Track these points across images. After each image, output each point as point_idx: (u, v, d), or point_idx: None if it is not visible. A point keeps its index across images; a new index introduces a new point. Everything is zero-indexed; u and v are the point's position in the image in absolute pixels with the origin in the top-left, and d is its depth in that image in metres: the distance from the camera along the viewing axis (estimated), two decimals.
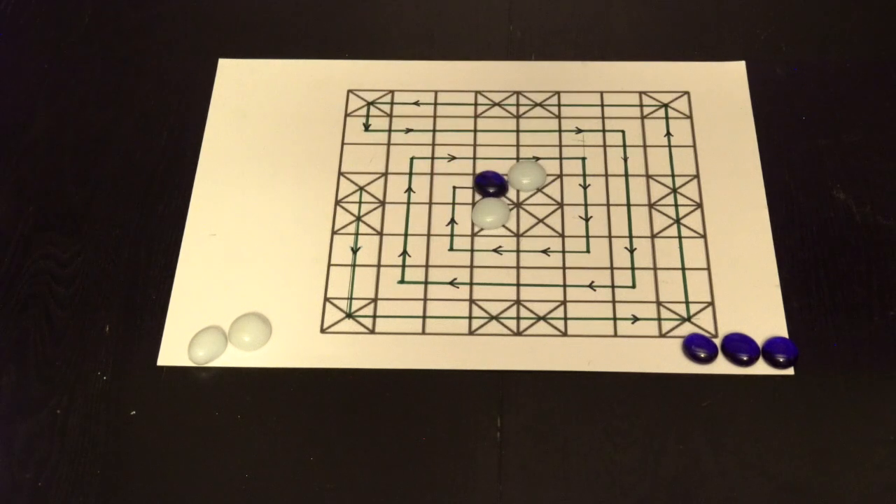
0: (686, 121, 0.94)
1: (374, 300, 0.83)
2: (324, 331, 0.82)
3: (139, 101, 0.96)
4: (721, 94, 0.95)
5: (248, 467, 0.76)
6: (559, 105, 0.95)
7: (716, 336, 0.81)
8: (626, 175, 0.90)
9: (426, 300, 0.83)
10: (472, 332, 0.82)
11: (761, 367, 0.80)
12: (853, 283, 0.84)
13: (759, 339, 0.81)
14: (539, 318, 0.82)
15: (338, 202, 0.89)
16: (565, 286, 0.84)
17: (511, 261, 0.85)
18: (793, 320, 0.82)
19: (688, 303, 0.83)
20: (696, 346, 0.80)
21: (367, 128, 0.94)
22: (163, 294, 0.84)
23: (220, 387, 0.80)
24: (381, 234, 0.87)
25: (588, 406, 0.78)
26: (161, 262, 0.86)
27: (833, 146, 0.92)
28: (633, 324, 0.82)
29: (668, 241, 0.86)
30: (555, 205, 0.89)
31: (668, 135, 0.93)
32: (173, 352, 0.81)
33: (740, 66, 0.97)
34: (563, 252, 0.86)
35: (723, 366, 0.80)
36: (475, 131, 0.94)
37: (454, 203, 0.89)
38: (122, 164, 0.92)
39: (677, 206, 0.88)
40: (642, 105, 0.95)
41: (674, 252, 0.86)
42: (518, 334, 0.82)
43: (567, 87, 0.96)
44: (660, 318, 0.82)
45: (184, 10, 1.04)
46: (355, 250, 0.86)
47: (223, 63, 0.98)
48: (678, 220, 0.87)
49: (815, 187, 0.90)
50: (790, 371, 0.79)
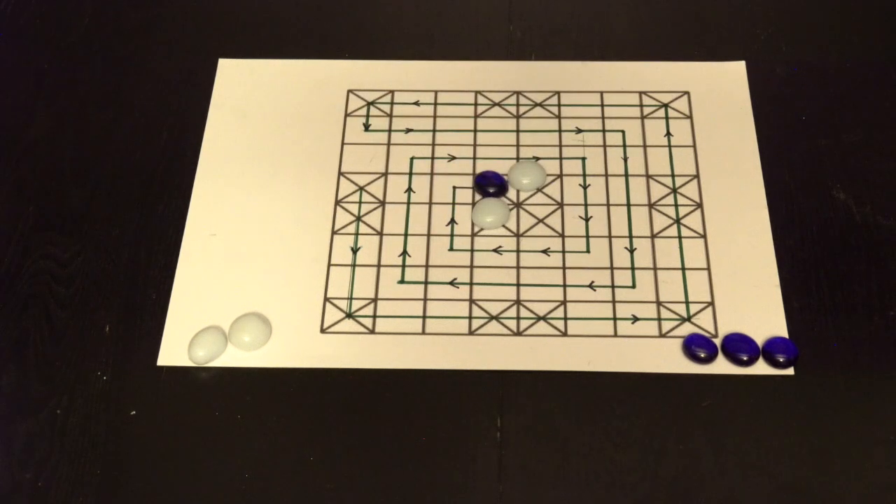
0: (686, 121, 0.94)
1: (374, 300, 0.83)
2: (324, 331, 0.82)
3: (139, 101, 0.96)
4: (721, 94, 0.95)
5: (248, 467, 0.76)
6: (559, 105, 0.95)
7: (716, 336, 0.81)
8: (626, 175, 0.90)
9: (426, 300, 0.83)
10: (472, 332, 0.82)
11: (761, 367, 0.80)
12: (853, 283, 0.84)
13: (759, 339, 0.81)
14: (539, 318, 0.82)
15: (338, 202, 0.89)
16: (565, 286, 0.84)
17: (511, 261, 0.85)
18: (793, 320, 0.82)
19: (688, 303, 0.83)
20: (696, 346, 0.80)
21: (367, 128, 0.94)
22: (163, 294, 0.84)
23: (220, 387, 0.80)
24: (381, 234, 0.87)
25: (588, 406, 0.78)
26: (161, 262, 0.86)
27: (833, 146, 0.92)
28: (633, 324, 0.82)
29: (668, 241, 0.86)
30: (555, 205, 0.89)
31: (668, 135, 0.93)
32: (173, 352, 0.81)
33: (740, 66, 0.97)
34: (563, 252, 0.86)
35: (723, 366, 0.80)
36: (475, 131, 0.94)
37: (454, 203, 0.89)
38: (122, 164, 0.92)
39: (677, 206, 0.88)
40: (642, 105, 0.95)
41: (674, 252, 0.86)
42: (518, 334, 0.82)
43: (567, 87, 0.96)
44: (660, 318, 0.82)
45: (184, 10, 1.04)
46: (355, 250, 0.86)
47: (223, 63, 0.98)
48: (678, 220, 0.87)
49: (815, 187, 0.90)
50: (790, 371, 0.79)
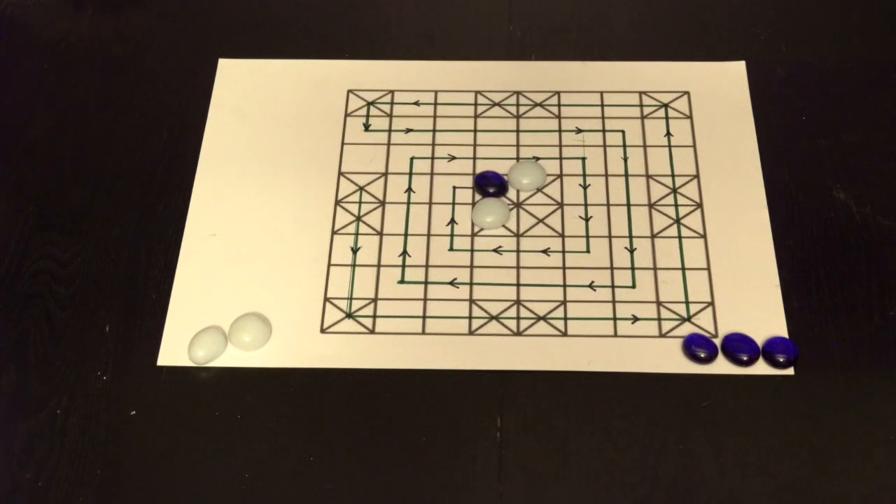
0: (686, 121, 0.94)
1: (374, 300, 0.83)
2: (324, 331, 0.82)
3: (139, 101, 0.96)
4: (721, 94, 0.95)
5: (248, 467, 0.76)
6: (559, 105, 0.95)
7: (716, 336, 0.81)
8: (626, 175, 0.90)
9: (426, 300, 0.83)
10: (472, 332, 0.82)
11: (761, 367, 0.80)
12: (853, 283, 0.84)
13: (759, 339, 0.81)
14: (539, 318, 0.82)
15: (338, 202, 0.89)
16: (565, 286, 0.84)
17: (511, 261, 0.85)
18: (793, 320, 0.82)
19: (688, 303, 0.83)
20: (696, 346, 0.80)
21: (367, 128, 0.94)
22: (163, 294, 0.84)
23: (220, 387, 0.80)
24: (381, 234, 0.87)
25: (588, 406, 0.78)
26: (161, 262, 0.86)
27: (833, 146, 0.92)
28: (633, 324, 0.82)
29: (668, 241, 0.86)
30: (555, 205, 0.89)
31: (668, 135, 0.93)
32: (173, 352, 0.81)
33: (740, 66, 0.97)
34: (563, 252, 0.86)
35: (723, 366, 0.80)
36: (475, 131, 0.94)
37: (454, 203, 0.89)
38: (122, 164, 0.92)
39: (677, 206, 0.88)
40: (642, 105, 0.95)
41: (674, 252, 0.86)
42: (518, 334, 0.82)
43: (567, 87, 0.96)
44: (660, 318, 0.82)
45: (184, 10, 1.04)
46: (355, 250, 0.86)
47: (223, 63, 0.98)
48: (678, 220, 0.87)
49: (815, 187, 0.90)
50: (790, 371, 0.79)
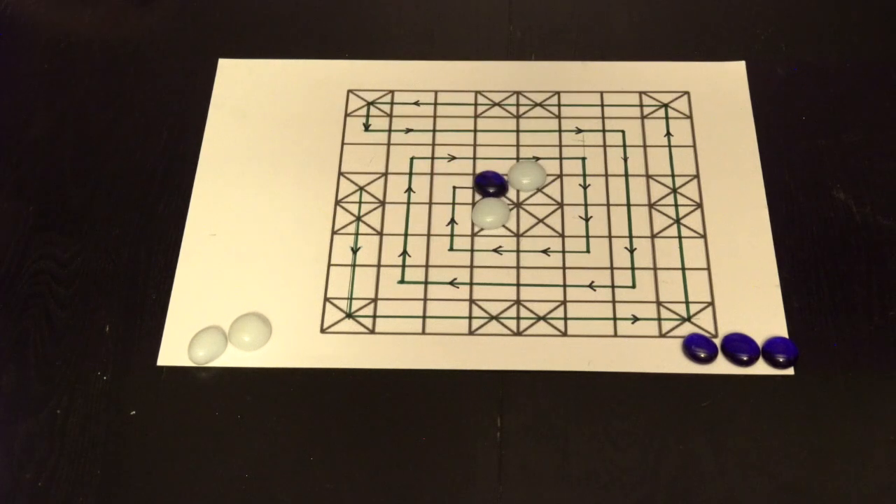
0: (686, 121, 0.94)
1: (374, 300, 0.83)
2: (324, 331, 0.82)
3: (139, 101, 0.96)
4: (721, 94, 0.95)
5: (248, 467, 0.76)
6: (559, 105, 0.95)
7: (716, 336, 0.81)
8: (626, 175, 0.90)
9: (426, 300, 0.83)
10: (472, 332, 0.82)
11: (761, 367, 0.80)
12: (853, 283, 0.84)
13: (759, 339, 0.81)
14: (539, 318, 0.82)
15: (338, 202, 0.89)
16: (565, 286, 0.84)
17: (511, 261, 0.85)
18: (793, 320, 0.82)
19: (688, 303, 0.83)
20: (696, 346, 0.80)
21: (367, 128, 0.94)
22: (163, 294, 0.84)
23: (220, 387, 0.80)
24: (381, 234, 0.87)
25: (588, 406, 0.78)
26: (161, 262, 0.86)
27: (833, 146, 0.92)
28: (633, 324, 0.82)
29: (668, 241, 0.86)
30: (555, 205, 0.89)
31: (668, 135, 0.93)
32: (173, 352, 0.81)
33: (740, 66, 0.97)
34: (563, 252, 0.86)
35: (723, 366, 0.80)
36: (475, 131, 0.94)
37: (454, 203, 0.89)
38: (122, 164, 0.92)
39: (677, 206, 0.88)
40: (642, 105, 0.95)
41: (674, 252, 0.86)
42: (518, 334, 0.82)
43: (567, 87, 0.96)
44: (660, 318, 0.82)
45: (184, 10, 1.04)
46: (355, 250, 0.86)
47: (223, 63, 0.98)
48: (678, 220, 0.87)
49: (815, 187, 0.90)
50: (790, 371, 0.79)
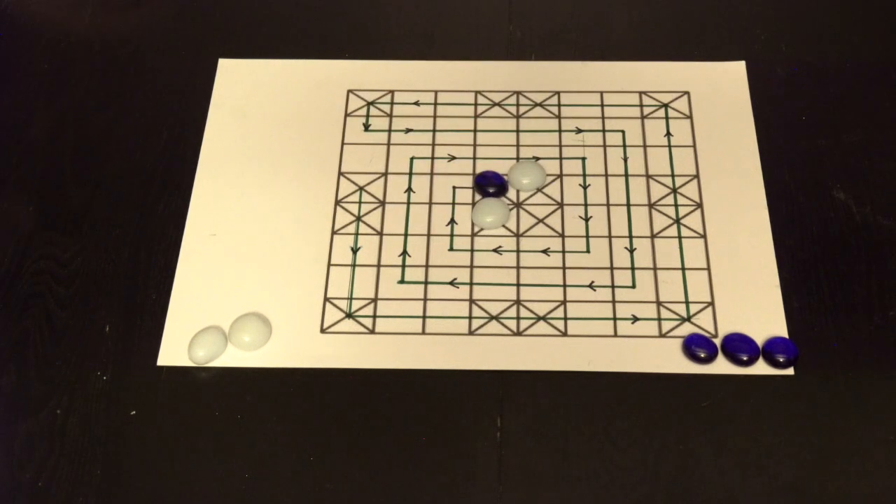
0: (686, 121, 0.94)
1: (374, 300, 0.83)
2: (324, 331, 0.82)
3: (139, 101, 0.96)
4: (721, 94, 0.95)
5: (248, 467, 0.76)
6: (559, 105, 0.95)
7: (716, 336, 0.81)
8: (626, 175, 0.90)
9: (426, 300, 0.83)
10: (472, 332, 0.82)
11: (761, 367, 0.80)
12: (853, 283, 0.84)
13: (759, 339, 0.81)
14: (539, 318, 0.82)
15: (338, 202, 0.89)
16: (565, 286, 0.84)
17: (511, 261, 0.85)
18: (793, 320, 0.82)
19: (688, 303, 0.83)
20: (696, 346, 0.80)
21: (367, 128, 0.94)
22: (163, 294, 0.84)
23: (220, 387, 0.80)
24: (381, 234, 0.87)
25: (588, 406, 0.78)
26: (161, 262, 0.86)
27: (833, 146, 0.92)
28: (633, 324, 0.82)
29: (668, 241, 0.86)
30: (555, 205, 0.89)
31: (668, 135, 0.93)
32: (173, 352, 0.81)
33: (740, 66, 0.97)
34: (563, 252, 0.86)
35: (723, 366, 0.80)
36: (475, 131, 0.94)
37: (454, 203, 0.89)
38: (122, 164, 0.92)
39: (677, 206, 0.88)
40: (642, 105, 0.95)
41: (674, 252, 0.86)
42: (518, 334, 0.82)
43: (567, 87, 0.96)
44: (660, 318, 0.82)
45: (184, 10, 1.04)
46: (355, 250, 0.86)
47: (223, 63, 0.98)
48: (678, 220, 0.87)
49: (815, 187, 0.90)
50: (790, 371, 0.79)
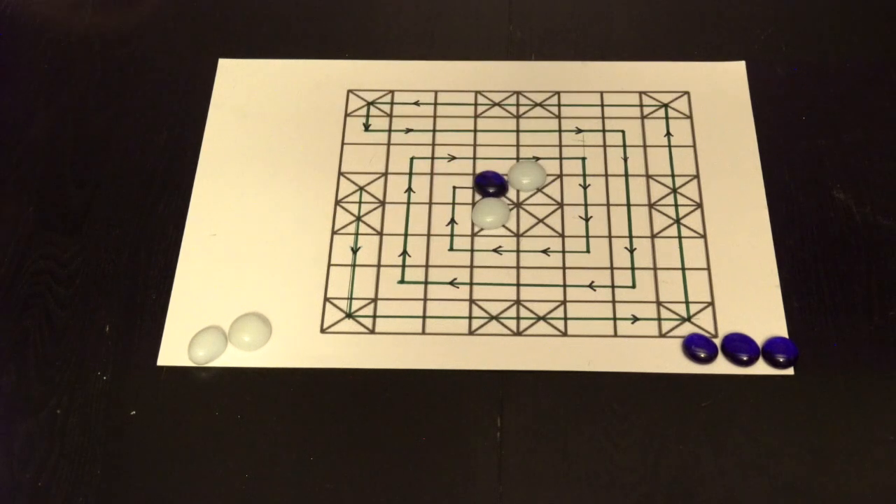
0: (686, 121, 0.94)
1: (374, 300, 0.83)
2: (324, 331, 0.82)
3: (139, 101, 0.96)
4: (721, 94, 0.95)
5: (248, 467, 0.76)
6: (559, 105, 0.95)
7: (716, 336, 0.81)
8: (626, 175, 0.90)
9: (426, 300, 0.83)
10: (472, 332, 0.82)
11: (761, 367, 0.80)
12: (853, 283, 0.84)
13: (759, 339, 0.81)
14: (539, 318, 0.82)
15: (338, 202, 0.89)
16: (565, 286, 0.84)
17: (511, 261, 0.85)
18: (793, 320, 0.82)
19: (688, 303, 0.83)
20: (696, 346, 0.80)
21: (367, 128, 0.94)
22: (163, 294, 0.84)
23: (220, 387, 0.80)
24: (381, 234, 0.87)
25: (588, 406, 0.78)
26: (161, 262, 0.86)
27: (833, 146, 0.92)
28: (633, 324, 0.82)
29: (668, 241, 0.86)
30: (555, 205, 0.89)
31: (668, 135, 0.93)
32: (173, 352, 0.81)
33: (740, 66, 0.97)
34: (563, 252, 0.86)
35: (723, 366, 0.80)
36: (475, 131, 0.94)
37: (454, 203, 0.89)
38: (122, 164, 0.92)
39: (677, 206, 0.88)
40: (642, 105, 0.95)
41: (674, 252, 0.86)
42: (518, 334, 0.82)
43: (567, 87, 0.96)
44: (660, 318, 0.82)
45: (184, 10, 1.04)
46: (355, 250, 0.86)
47: (223, 63, 0.98)
48: (678, 220, 0.87)
49: (815, 187, 0.90)
50: (790, 371, 0.79)
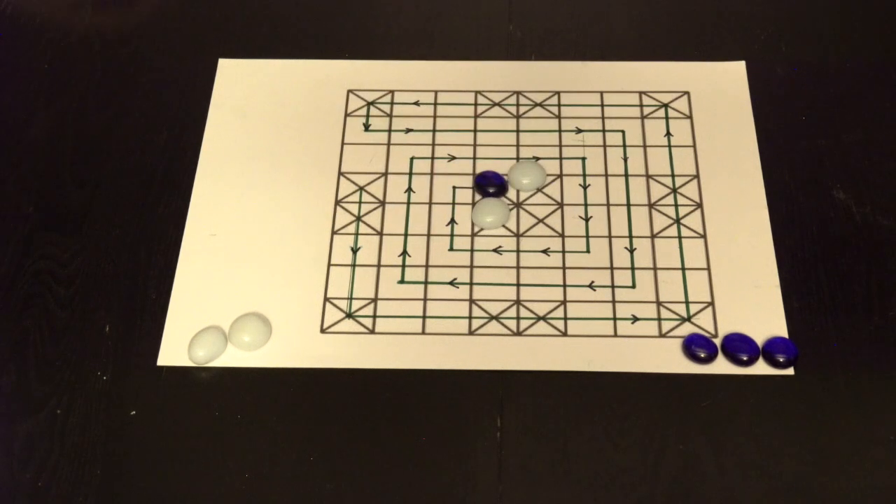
0: (686, 121, 0.94)
1: (374, 300, 0.83)
2: (324, 331, 0.82)
3: (139, 101, 0.96)
4: (721, 94, 0.95)
5: (248, 467, 0.76)
6: (559, 105, 0.95)
7: (716, 336, 0.81)
8: (626, 175, 0.90)
9: (426, 300, 0.83)
10: (472, 332, 0.82)
11: (761, 367, 0.80)
12: (853, 283, 0.84)
13: (759, 339, 0.81)
14: (539, 318, 0.82)
15: (338, 202, 0.89)
16: (565, 286, 0.84)
17: (511, 261, 0.85)
18: (793, 320, 0.82)
19: (688, 303, 0.83)
20: (696, 346, 0.80)
21: (367, 128, 0.94)
22: (163, 294, 0.84)
23: (220, 387, 0.80)
24: (381, 234, 0.87)
25: (588, 406, 0.78)
26: (161, 262, 0.86)
27: (833, 146, 0.92)
28: (633, 324, 0.82)
29: (668, 241, 0.86)
30: (555, 205, 0.89)
31: (668, 135, 0.93)
32: (173, 352, 0.81)
33: (740, 66, 0.97)
34: (563, 252, 0.86)
35: (723, 366, 0.80)
36: (475, 131, 0.94)
37: (454, 203, 0.89)
38: (122, 164, 0.92)
39: (677, 206, 0.88)
40: (642, 105, 0.95)
41: (674, 252, 0.86)
42: (518, 334, 0.82)
43: (567, 87, 0.96)
44: (660, 318, 0.82)
45: (184, 10, 1.04)
46: (355, 250, 0.86)
47: (223, 63, 0.98)
48: (678, 220, 0.87)
49: (815, 187, 0.90)
50: (790, 371, 0.79)
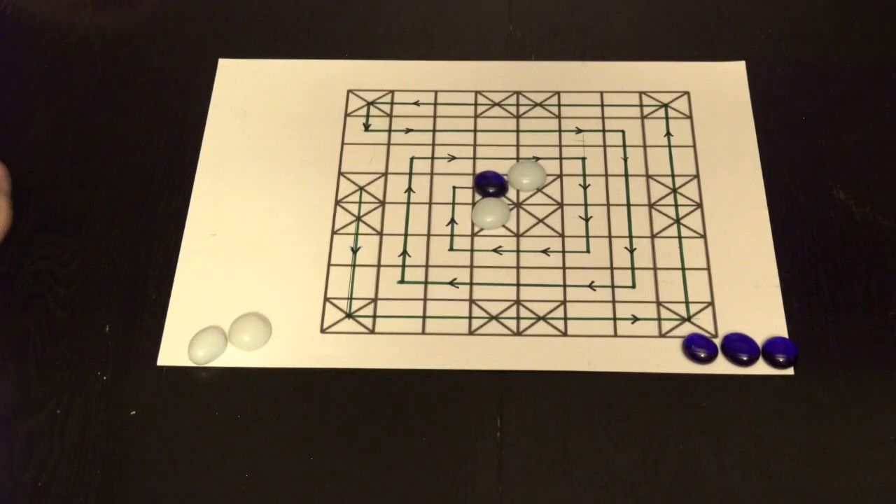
0: (686, 121, 0.94)
1: (374, 300, 0.83)
2: (324, 331, 0.82)
3: (139, 101, 0.96)
4: (721, 94, 0.95)
5: (248, 467, 0.76)
6: (559, 105, 0.95)
7: (716, 336, 0.81)
8: (626, 175, 0.90)
9: (426, 300, 0.83)
10: (472, 332, 0.82)
11: (761, 367, 0.80)
12: (853, 283, 0.84)
13: (759, 339, 0.81)
14: (539, 318, 0.82)
15: (338, 202, 0.89)
16: (565, 286, 0.84)
17: (511, 261, 0.85)
18: (793, 320, 0.82)
19: (688, 303, 0.83)
20: (696, 346, 0.80)
21: (367, 128, 0.94)
22: (163, 294, 0.84)
23: (220, 387, 0.80)
24: (381, 234, 0.87)
25: (588, 406, 0.78)
26: (161, 262, 0.86)
27: (833, 146, 0.92)
28: (633, 324, 0.82)
29: (668, 241, 0.86)
30: (555, 205, 0.89)
31: (668, 135, 0.93)
32: (173, 352, 0.81)
33: (740, 66, 0.97)
34: (563, 252, 0.86)
35: (723, 366, 0.80)
36: (475, 131, 0.94)
37: (454, 203, 0.89)
38: (122, 164, 0.92)
39: (677, 206, 0.88)
40: (642, 105, 0.95)
41: (674, 252, 0.86)
42: (518, 334, 0.82)
43: (567, 87, 0.96)
44: (660, 318, 0.82)
45: (184, 10, 1.04)
46: (355, 250, 0.86)
47: (223, 63, 0.98)
48: (678, 220, 0.87)
49: (815, 187, 0.90)
50: (790, 371, 0.79)
